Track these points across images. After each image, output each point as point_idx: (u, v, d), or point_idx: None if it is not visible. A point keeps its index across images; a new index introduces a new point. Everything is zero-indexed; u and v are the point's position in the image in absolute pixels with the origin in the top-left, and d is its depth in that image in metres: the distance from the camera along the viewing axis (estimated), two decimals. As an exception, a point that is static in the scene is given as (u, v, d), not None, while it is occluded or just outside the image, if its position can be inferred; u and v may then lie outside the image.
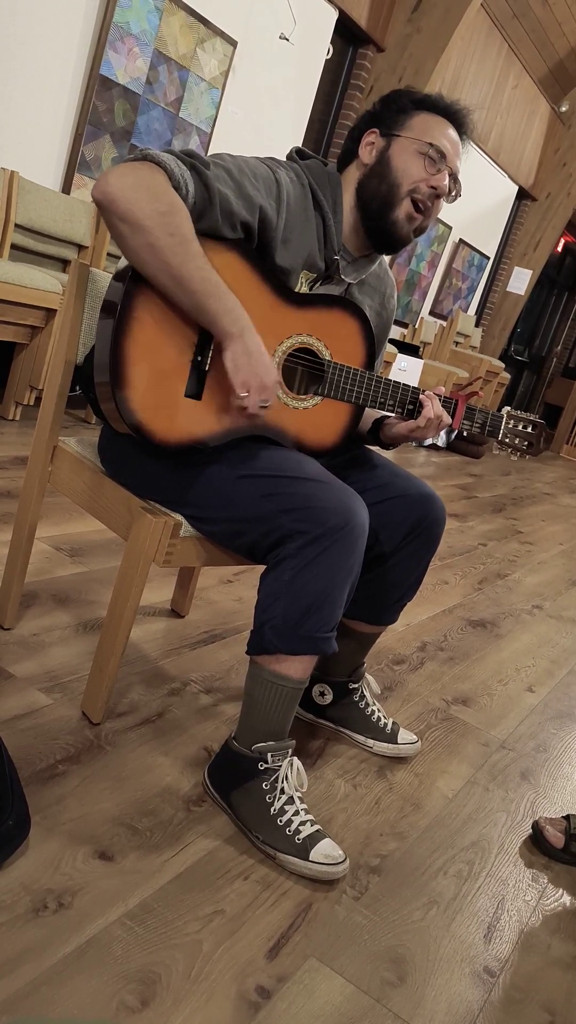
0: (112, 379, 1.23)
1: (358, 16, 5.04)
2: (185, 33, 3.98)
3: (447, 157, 1.38)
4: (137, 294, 1.23)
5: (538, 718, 2.09)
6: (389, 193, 1.37)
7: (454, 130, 1.40)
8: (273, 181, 1.32)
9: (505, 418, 1.54)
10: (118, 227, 1.19)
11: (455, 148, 1.40)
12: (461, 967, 1.19)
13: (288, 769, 1.33)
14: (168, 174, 1.19)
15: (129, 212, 1.17)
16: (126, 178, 1.17)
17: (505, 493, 5.28)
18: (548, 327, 10.91)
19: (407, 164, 1.37)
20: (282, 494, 1.27)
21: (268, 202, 1.30)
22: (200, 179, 1.22)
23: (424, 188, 1.37)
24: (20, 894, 1.07)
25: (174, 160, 1.20)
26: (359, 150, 1.41)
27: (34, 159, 3.60)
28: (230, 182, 1.25)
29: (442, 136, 1.38)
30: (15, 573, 1.66)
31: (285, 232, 1.33)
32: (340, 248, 1.42)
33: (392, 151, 1.38)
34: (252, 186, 1.28)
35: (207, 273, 1.21)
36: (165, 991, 1.01)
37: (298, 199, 1.36)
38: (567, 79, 7.30)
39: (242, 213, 1.26)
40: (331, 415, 1.42)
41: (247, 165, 1.30)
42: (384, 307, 1.58)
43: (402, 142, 1.38)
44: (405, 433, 1.49)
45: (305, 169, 1.40)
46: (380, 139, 1.39)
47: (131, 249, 1.20)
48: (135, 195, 1.16)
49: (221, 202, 1.23)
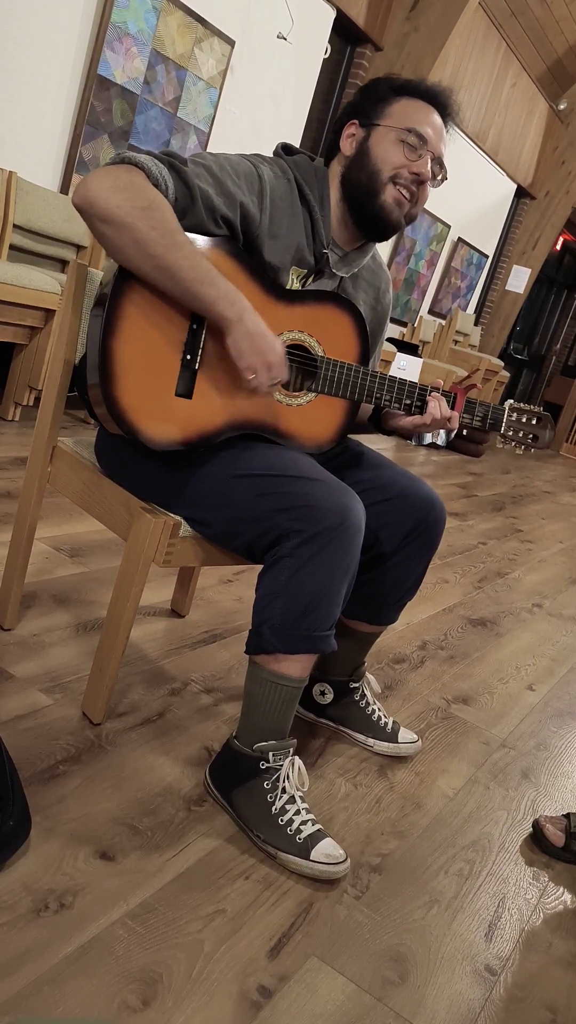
0: (102, 381, 1.23)
1: (356, 15, 5.04)
2: (183, 33, 3.98)
3: (428, 142, 1.36)
4: (124, 295, 1.23)
5: (538, 716, 2.09)
6: (371, 181, 1.36)
7: (437, 114, 1.38)
8: (255, 177, 1.31)
9: (507, 410, 1.53)
10: (101, 229, 1.19)
11: (437, 132, 1.37)
12: (462, 966, 1.19)
13: (290, 768, 1.33)
14: (146, 173, 1.19)
15: (109, 211, 1.17)
16: (104, 180, 1.17)
17: (505, 491, 5.28)
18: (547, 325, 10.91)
19: (387, 152, 1.35)
20: (277, 493, 1.27)
21: (250, 198, 1.29)
22: (180, 177, 1.22)
23: (406, 174, 1.36)
24: (21, 894, 1.07)
25: (152, 160, 1.20)
26: (340, 143, 1.40)
27: (32, 159, 3.60)
28: (210, 179, 1.25)
29: (423, 121, 1.36)
30: (15, 573, 1.66)
31: (271, 227, 1.33)
32: (329, 242, 1.42)
33: (372, 141, 1.37)
34: (233, 183, 1.27)
35: (196, 261, 1.21)
36: (167, 991, 1.01)
37: (283, 194, 1.35)
38: (565, 77, 7.30)
39: (223, 209, 1.26)
40: (326, 411, 1.42)
41: (228, 162, 1.29)
42: (379, 301, 1.58)
43: (381, 131, 1.36)
44: (408, 427, 1.48)
45: (291, 164, 1.40)
46: (360, 130, 1.38)
47: (117, 248, 1.20)
48: (114, 195, 1.17)
49: (203, 199, 1.23)
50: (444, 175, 1.40)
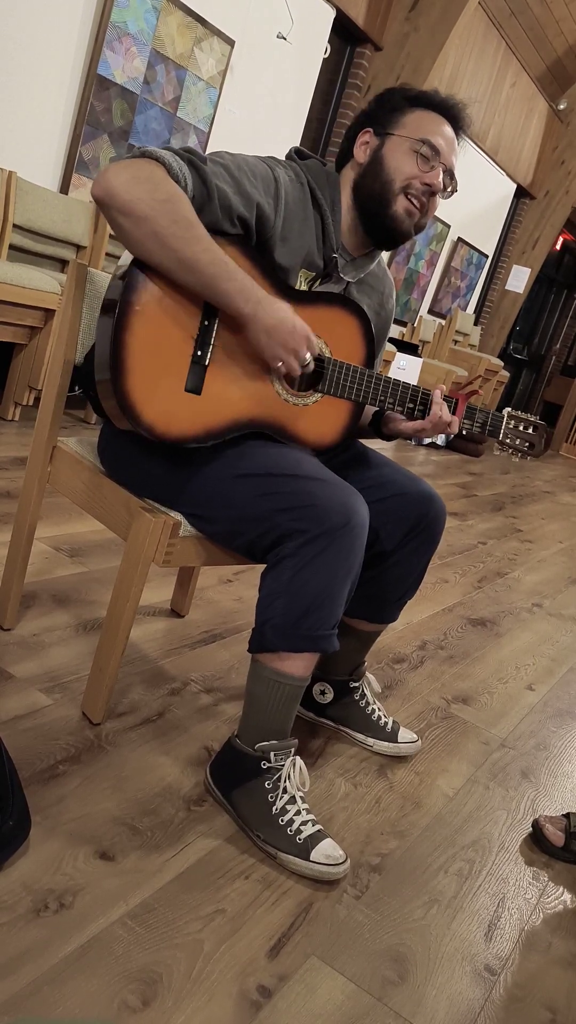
0: (113, 375, 1.23)
1: (355, 15, 5.04)
2: (183, 32, 3.98)
3: (441, 153, 1.38)
4: (137, 291, 1.23)
5: (538, 716, 2.09)
6: (383, 190, 1.38)
7: (449, 126, 1.40)
8: (271, 179, 1.32)
9: (506, 418, 1.54)
10: (120, 221, 1.19)
11: (450, 144, 1.39)
12: (462, 965, 1.19)
13: (291, 768, 1.33)
14: (166, 168, 1.19)
15: (129, 204, 1.17)
16: (124, 173, 1.17)
17: (505, 491, 5.28)
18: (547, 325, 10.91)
19: (400, 162, 1.37)
20: (280, 493, 1.27)
21: (266, 200, 1.30)
22: (198, 174, 1.22)
23: (418, 184, 1.38)
24: (21, 894, 1.07)
25: (172, 155, 1.20)
26: (354, 150, 1.41)
27: (32, 159, 3.60)
28: (228, 178, 1.25)
29: (436, 133, 1.38)
30: (15, 573, 1.66)
31: (284, 230, 1.33)
32: (339, 247, 1.42)
33: (385, 150, 1.38)
34: (250, 183, 1.28)
35: (214, 254, 1.21)
36: (166, 991, 1.01)
37: (297, 198, 1.36)
38: (565, 77, 7.30)
39: (239, 209, 1.26)
40: (331, 412, 1.43)
41: (245, 163, 1.30)
42: (383, 306, 1.59)
43: (395, 140, 1.38)
44: (408, 431, 1.49)
45: (304, 168, 1.40)
46: (374, 138, 1.40)
47: (136, 241, 1.20)
48: (134, 187, 1.16)
49: (220, 197, 1.24)
50: (454, 187, 1.43)
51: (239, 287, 1.23)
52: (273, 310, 1.26)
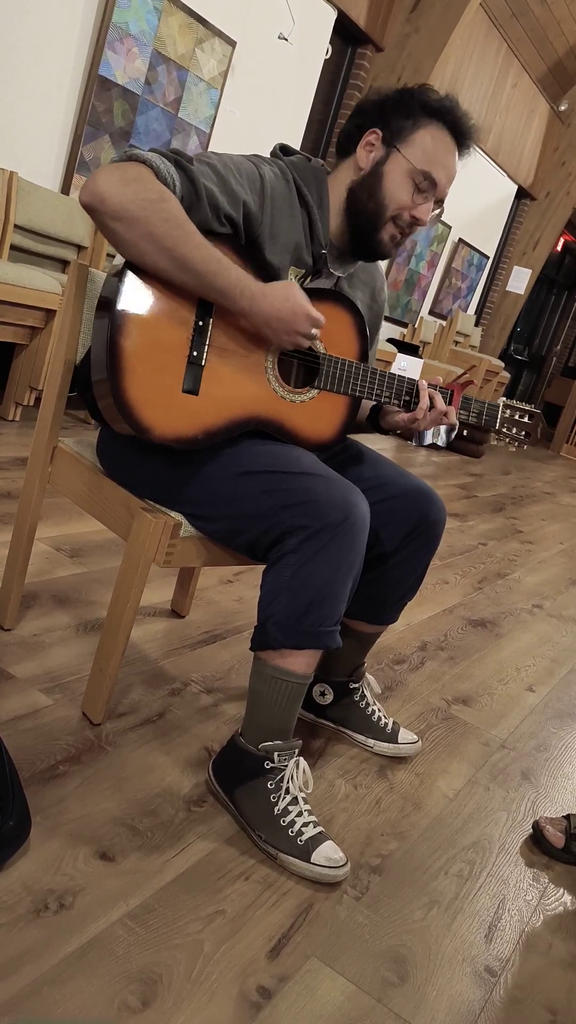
0: (109, 376, 1.23)
1: (357, 16, 5.04)
2: (184, 33, 3.98)
3: (438, 187, 1.39)
4: (131, 291, 1.23)
5: (538, 717, 2.09)
6: (375, 212, 1.39)
7: (456, 154, 1.40)
8: (257, 176, 1.32)
9: (501, 407, 1.56)
10: (112, 226, 1.19)
11: (449, 177, 1.40)
12: (462, 967, 1.19)
13: (294, 769, 1.33)
14: (154, 170, 1.20)
15: (120, 207, 1.17)
16: (112, 177, 1.17)
17: (505, 492, 5.28)
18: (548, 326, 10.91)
19: (397, 187, 1.37)
20: (281, 490, 1.27)
21: (252, 197, 1.30)
22: (186, 175, 1.22)
23: (407, 216, 1.40)
24: (21, 895, 1.07)
25: (158, 157, 1.21)
26: (358, 148, 1.40)
27: (33, 160, 3.60)
28: (214, 177, 1.26)
29: (439, 165, 1.38)
30: (15, 573, 1.66)
31: (272, 228, 1.34)
32: (327, 242, 1.42)
33: (387, 167, 1.38)
34: (236, 182, 1.28)
35: (208, 251, 1.22)
36: (166, 991, 1.00)
37: (283, 195, 1.36)
38: (566, 78, 7.30)
39: (227, 208, 1.27)
40: (328, 408, 1.43)
41: (231, 162, 1.30)
42: (375, 300, 1.59)
43: (399, 160, 1.37)
44: (404, 423, 1.49)
45: (290, 165, 1.40)
46: (380, 146, 1.38)
47: (129, 244, 1.20)
48: (123, 190, 1.17)
49: (208, 197, 1.24)
50: (440, 214, 1.45)
51: (234, 282, 1.24)
52: (269, 300, 1.27)
